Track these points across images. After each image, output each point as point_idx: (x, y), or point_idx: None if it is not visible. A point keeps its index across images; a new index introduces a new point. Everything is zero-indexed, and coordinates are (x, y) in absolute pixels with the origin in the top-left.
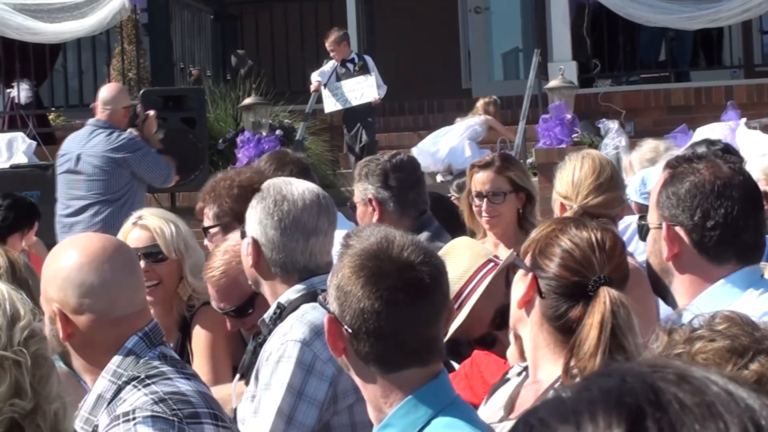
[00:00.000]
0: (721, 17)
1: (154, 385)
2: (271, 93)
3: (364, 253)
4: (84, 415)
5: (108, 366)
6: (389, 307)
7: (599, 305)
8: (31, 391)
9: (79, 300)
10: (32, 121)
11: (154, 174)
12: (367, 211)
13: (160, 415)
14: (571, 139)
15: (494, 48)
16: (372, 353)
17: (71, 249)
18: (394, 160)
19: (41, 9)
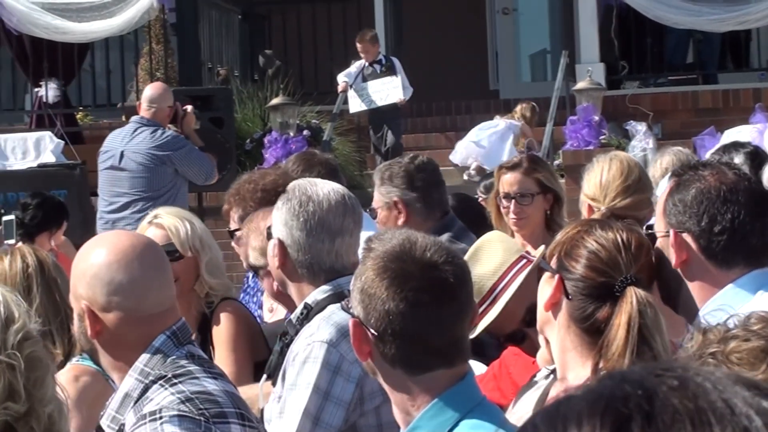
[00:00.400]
0: (749, 19)
1: (181, 384)
2: (298, 93)
3: (387, 255)
4: (111, 413)
5: (135, 364)
6: (414, 307)
7: (626, 305)
8: (25, 393)
9: (108, 298)
10: (60, 120)
11: (197, 172)
12: (391, 215)
13: (186, 415)
14: (599, 141)
15: (522, 49)
16: (398, 355)
17: (100, 247)
18: (416, 161)
19: (70, 8)
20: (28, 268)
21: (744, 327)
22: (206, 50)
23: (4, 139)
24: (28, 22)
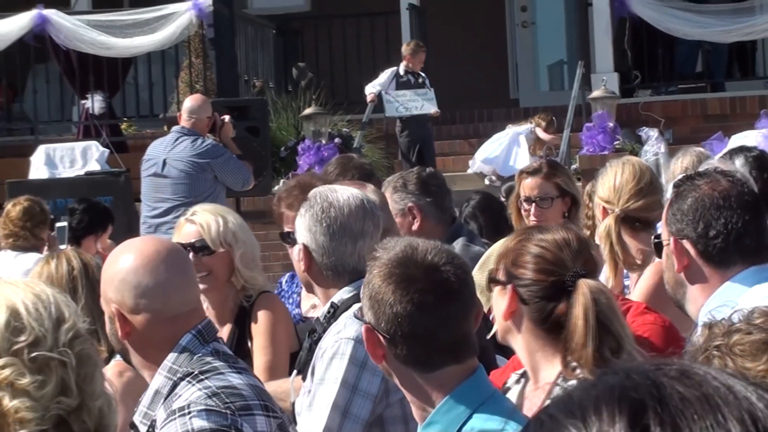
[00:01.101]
0: (755, 30)
1: (208, 380)
2: (330, 103)
3: (391, 261)
4: (143, 409)
5: (164, 363)
6: (420, 309)
7: (580, 297)
8: (77, 389)
9: (136, 300)
10: (105, 130)
11: (235, 178)
12: (405, 222)
13: (213, 409)
14: (613, 146)
15: (540, 60)
16: (410, 355)
17: (127, 253)
18: (426, 171)
19: (114, 25)
20: (74, 271)
21: (747, 321)
22: (242, 63)
23: (53, 148)
24: (74, 39)
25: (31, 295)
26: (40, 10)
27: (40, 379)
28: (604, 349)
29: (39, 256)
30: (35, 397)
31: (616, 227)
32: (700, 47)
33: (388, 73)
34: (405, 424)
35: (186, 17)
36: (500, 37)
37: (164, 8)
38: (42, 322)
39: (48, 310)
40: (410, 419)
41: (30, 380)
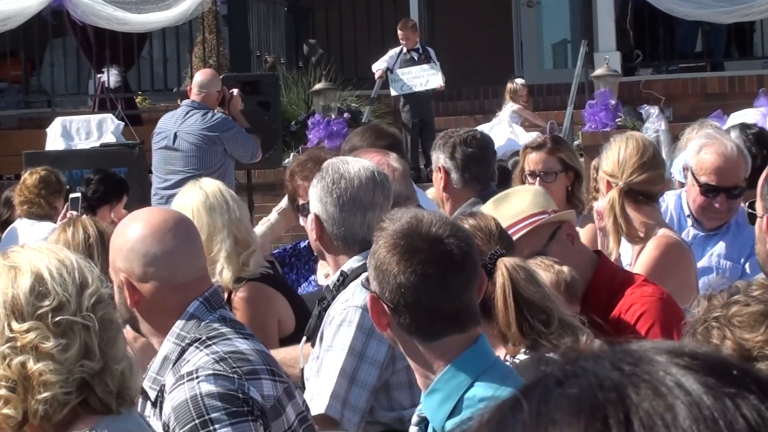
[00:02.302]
0: (753, 12)
1: (215, 345)
2: (339, 79)
3: (396, 233)
4: (152, 375)
5: (172, 329)
6: (423, 279)
7: (498, 277)
8: (99, 352)
9: (144, 269)
10: (120, 103)
11: (243, 151)
12: (437, 177)
13: (221, 373)
14: (615, 124)
15: (545, 39)
16: (413, 325)
17: (135, 222)
18: (465, 135)
19: (130, 1)
20: (90, 239)
21: (745, 293)
22: (255, 40)
23: (70, 121)
24: (91, 14)
25: (55, 261)
26: None
27: (64, 342)
28: (534, 322)
29: (54, 225)
30: (59, 360)
31: (619, 200)
32: (699, 27)
33: (392, 52)
34: (411, 390)
35: None
36: (506, 16)
37: None
38: (66, 287)
39: (72, 275)
40: (415, 386)
41: (54, 344)
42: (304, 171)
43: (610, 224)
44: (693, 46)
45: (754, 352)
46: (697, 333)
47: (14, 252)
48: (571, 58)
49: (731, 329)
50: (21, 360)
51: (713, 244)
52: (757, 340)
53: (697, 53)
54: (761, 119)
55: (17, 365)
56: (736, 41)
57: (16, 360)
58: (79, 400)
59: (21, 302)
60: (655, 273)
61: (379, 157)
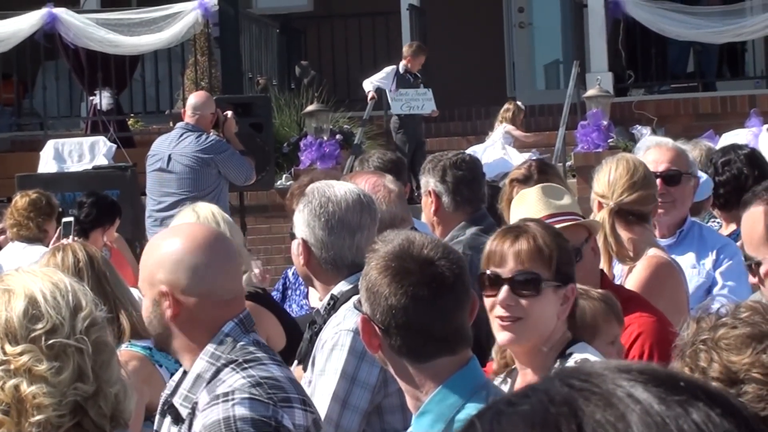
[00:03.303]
0: (744, 32)
1: (251, 369)
2: (331, 100)
3: (388, 254)
4: (183, 392)
5: (206, 348)
6: (415, 301)
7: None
8: (93, 375)
9: (190, 281)
10: (113, 126)
11: (238, 173)
12: (427, 201)
13: (256, 398)
14: (607, 144)
15: (537, 60)
16: (404, 346)
17: (177, 236)
18: (454, 158)
19: (122, 23)
20: (79, 263)
21: (733, 315)
22: (247, 61)
23: (62, 143)
24: (83, 36)
25: (49, 284)
26: (50, 8)
27: (57, 365)
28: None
29: (45, 249)
30: (52, 383)
31: (610, 220)
32: (691, 47)
33: (389, 71)
34: (403, 413)
35: (192, 16)
36: (498, 37)
37: (171, 7)
38: (59, 310)
39: (65, 298)
40: (408, 408)
41: (47, 366)
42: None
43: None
44: (685, 66)
45: (741, 375)
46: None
47: (8, 275)
48: (563, 79)
49: (718, 352)
50: (14, 383)
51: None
52: (743, 363)
53: (689, 73)
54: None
55: (11, 388)
56: (728, 61)
57: (10, 383)
58: (72, 423)
59: (14, 325)
60: (645, 293)
61: (375, 178)
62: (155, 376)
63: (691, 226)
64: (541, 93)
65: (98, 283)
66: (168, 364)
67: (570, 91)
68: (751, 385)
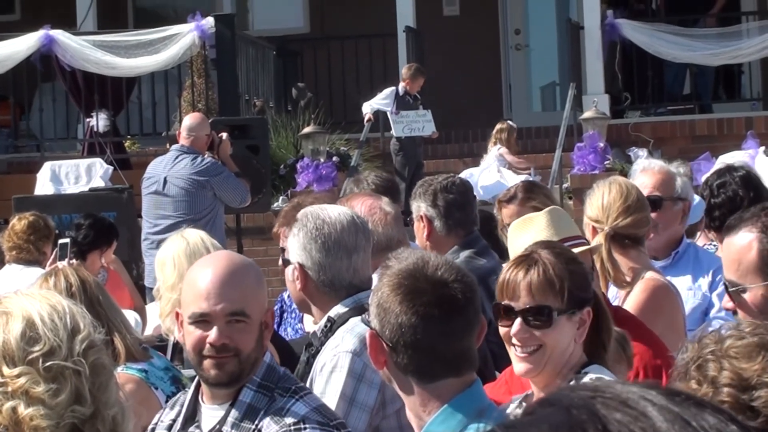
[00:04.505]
0: (741, 54)
1: (307, 397)
2: (328, 122)
3: (402, 272)
4: (231, 420)
5: (252, 378)
6: (425, 321)
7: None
8: (91, 397)
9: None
10: (109, 148)
11: (233, 195)
12: (419, 226)
13: (324, 424)
14: (604, 166)
15: (533, 82)
16: (410, 365)
17: (247, 263)
18: (445, 182)
19: (119, 45)
20: (72, 287)
21: (737, 329)
22: (243, 83)
23: (59, 165)
24: (80, 58)
25: (47, 306)
26: (47, 30)
27: (55, 387)
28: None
29: (42, 270)
30: (50, 406)
31: (606, 245)
32: (687, 69)
33: (388, 92)
34: None
35: (189, 38)
36: (495, 59)
37: (168, 29)
38: (57, 333)
39: (63, 320)
40: (406, 430)
41: (45, 389)
42: (286, 217)
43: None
44: (681, 88)
45: (753, 380)
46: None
47: (6, 297)
48: (559, 101)
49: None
50: (12, 405)
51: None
52: (754, 369)
53: (686, 95)
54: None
55: (8, 410)
56: (725, 83)
57: (7, 405)
58: None
59: (12, 347)
60: (643, 316)
61: (371, 201)
62: (151, 398)
63: (687, 247)
64: (537, 115)
65: (91, 307)
66: (164, 387)
67: (566, 113)
68: (764, 390)
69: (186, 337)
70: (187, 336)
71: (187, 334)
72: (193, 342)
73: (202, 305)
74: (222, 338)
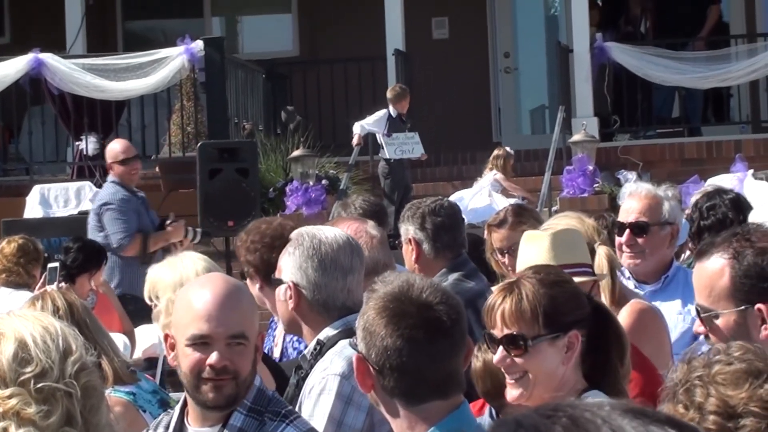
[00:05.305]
0: (730, 77)
1: (297, 421)
2: (317, 146)
3: (387, 295)
4: None
5: (243, 402)
6: (410, 344)
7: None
8: (82, 419)
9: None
10: (99, 171)
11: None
12: (408, 249)
13: None
14: (593, 189)
15: (522, 104)
16: (396, 388)
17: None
18: (432, 205)
19: (108, 68)
20: (59, 311)
21: (726, 353)
22: (233, 106)
23: (48, 188)
24: (69, 81)
25: (39, 327)
26: (36, 53)
27: (46, 409)
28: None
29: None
30: (41, 427)
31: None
32: (676, 93)
33: (381, 115)
34: None
35: (178, 62)
36: (484, 82)
37: (157, 53)
38: (49, 354)
39: (55, 342)
40: None
41: (36, 410)
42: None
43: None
44: (670, 111)
45: (739, 408)
46: (678, 394)
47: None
48: (548, 124)
49: (715, 386)
50: (3, 426)
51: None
52: (741, 397)
53: (675, 118)
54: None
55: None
56: (714, 106)
57: None
58: None
59: (4, 368)
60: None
61: (356, 224)
62: (139, 421)
63: (676, 272)
64: (526, 138)
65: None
66: (152, 409)
67: (555, 136)
68: (750, 418)
69: (182, 359)
70: (183, 358)
71: (184, 357)
72: (191, 364)
73: (203, 327)
74: (223, 360)
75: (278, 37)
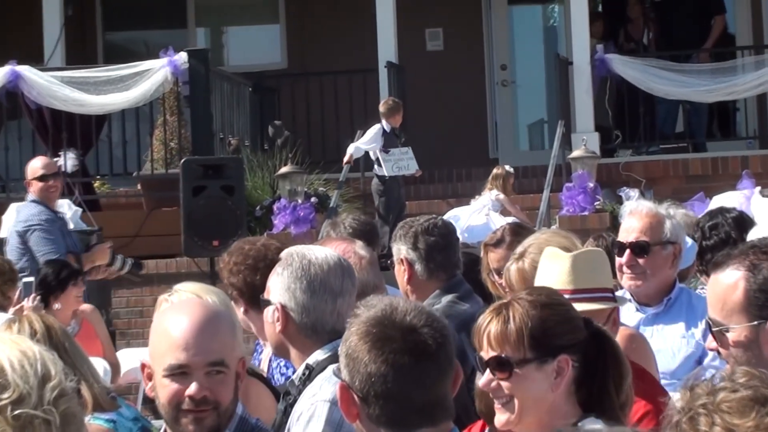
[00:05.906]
0: (736, 90)
1: None
2: (306, 162)
3: (370, 320)
4: None
5: (230, 425)
6: (395, 369)
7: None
8: None
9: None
10: (78, 188)
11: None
12: (400, 269)
13: None
14: (594, 207)
15: (520, 119)
16: (383, 416)
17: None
18: (426, 224)
19: (88, 82)
20: (36, 335)
21: (730, 380)
22: (218, 121)
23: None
24: (47, 95)
25: (17, 352)
26: (13, 66)
27: None
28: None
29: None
30: None
31: None
32: (680, 106)
33: (375, 131)
34: None
35: (161, 74)
36: (480, 96)
37: (139, 65)
38: (27, 379)
39: (34, 367)
40: None
41: None
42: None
43: None
44: (674, 126)
45: None
46: (682, 423)
47: None
48: (547, 139)
49: (720, 415)
50: None
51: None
52: (747, 426)
53: (679, 133)
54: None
55: None
56: (719, 121)
57: None
58: None
59: None
60: None
61: (344, 245)
62: None
63: (680, 293)
64: (524, 154)
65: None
66: None
67: (555, 152)
68: None
69: (159, 390)
70: (161, 389)
71: (161, 388)
72: (169, 396)
73: (180, 356)
74: (203, 391)
75: (266, 48)
